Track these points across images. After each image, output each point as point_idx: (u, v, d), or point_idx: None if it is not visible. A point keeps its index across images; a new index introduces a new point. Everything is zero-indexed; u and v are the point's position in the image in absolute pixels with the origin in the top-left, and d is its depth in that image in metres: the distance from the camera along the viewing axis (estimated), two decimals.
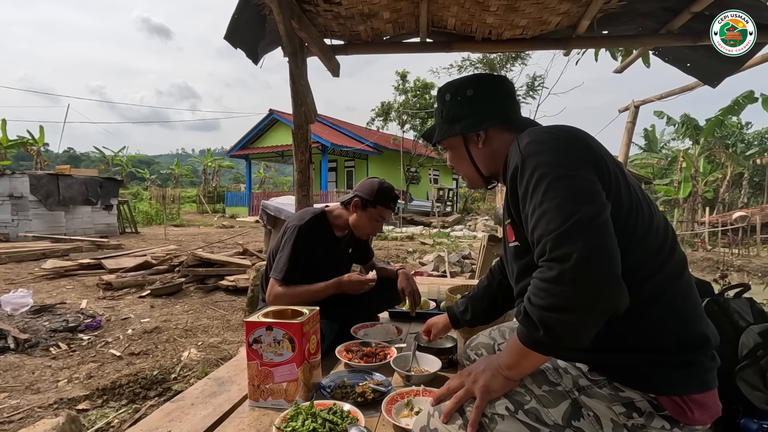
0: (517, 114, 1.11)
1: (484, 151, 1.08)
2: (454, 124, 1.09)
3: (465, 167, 1.13)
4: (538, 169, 0.82)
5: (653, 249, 0.85)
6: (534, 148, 0.86)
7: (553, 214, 0.76)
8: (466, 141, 1.10)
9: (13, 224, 9.73)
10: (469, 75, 1.14)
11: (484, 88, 1.08)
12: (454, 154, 1.14)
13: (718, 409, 0.87)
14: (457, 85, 1.10)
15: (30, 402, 2.30)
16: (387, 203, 1.82)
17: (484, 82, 1.10)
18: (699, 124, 13.97)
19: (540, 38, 2.82)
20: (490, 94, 1.08)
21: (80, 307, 4.16)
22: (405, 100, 18.29)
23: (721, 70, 2.92)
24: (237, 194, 21.99)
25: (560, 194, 0.78)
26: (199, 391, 1.44)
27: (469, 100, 1.08)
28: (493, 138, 1.07)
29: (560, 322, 0.74)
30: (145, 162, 47.92)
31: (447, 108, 1.11)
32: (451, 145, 1.14)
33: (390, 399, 1.25)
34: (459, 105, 1.09)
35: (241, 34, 2.40)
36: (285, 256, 1.71)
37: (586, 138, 0.90)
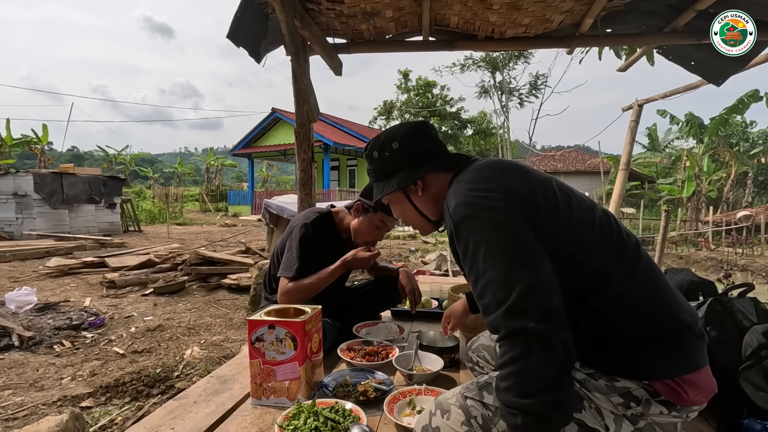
0: (446, 152, 1.12)
1: (426, 198, 1.09)
2: (390, 180, 1.10)
3: (412, 218, 1.15)
4: (471, 237, 0.85)
5: (607, 250, 0.88)
6: (462, 212, 0.87)
7: (497, 285, 0.80)
8: (407, 193, 1.11)
9: (17, 222, 9.79)
10: (390, 128, 1.15)
11: (408, 137, 1.09)
12: (399, 208, 1.16)
13: (712, 386, 0.88)
14: (383, 142, 1.11)
15: (34, 399, 2.31)
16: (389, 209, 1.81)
17: (407, 131, 1.11)
18: (703, 123, 13.90)
19: (543, 37, 2.81)
20: (416, 142, 1.09)
21: (84, 305, 4.18)
22: (407, 98, 18.31)
23: (726, 69, 2.90)
24: (239, 193, 22.03)
25: (498, 262, 0.81)
26: (201, 389, 1.45)
27: (397, 152, 1.09)
28: (430, 183, 1.08)
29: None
30: (148, 161, 48.06)
31: (378, 166, 1.13)
32: (393, 200, 1.16)
33: (392, 398, 1.25)
34: (389, 160, 1.10)
35: (243, 33, 2.40)
36: (295, 255, 1.68)
37: (509, 180, 0.91)
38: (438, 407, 0.94)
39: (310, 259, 1.68)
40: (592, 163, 21.92)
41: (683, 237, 10.90)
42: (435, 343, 1.63)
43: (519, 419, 0.76)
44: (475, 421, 0.89)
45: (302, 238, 1.70)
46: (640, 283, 0.88)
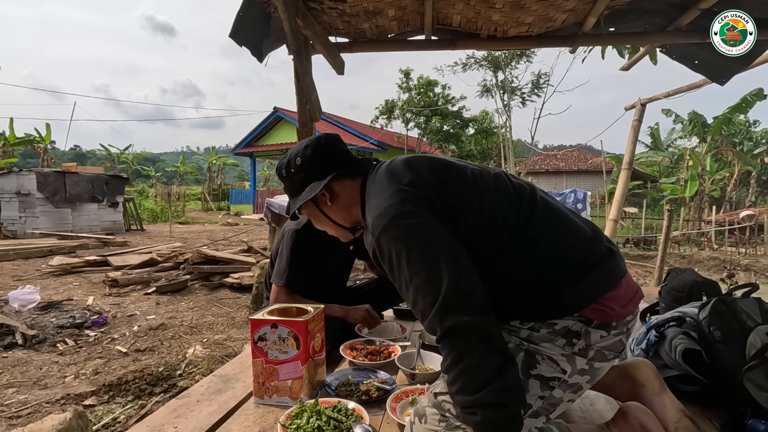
0: (349, 160, 1.16)
1: (336, 207, 1.14)
2: (299, 194, 1.15)
3: (329, 227, 1.19)
4: (392, 248, 0.87)
5: (506, 204, 0.94)
6: (380, 223, 0.89)
7: (425, 288, 0.83)
8: (317, 204, 1.15)
9: (20, 221, 9.83)
10: (296, 145, 1.21)
11: (309, 152, 1.14)
12: (315, 219, 1.21)
13: (635, 293, 0.94)
14: (288, 160, 1.17)
15: (37, 397, 2.32)
16: None
17: (308, 147, 1.15)
18: (706, 122, 13.84)
19: (546, 35, 2.80)
20: (317, 155, 1.14)
21: (87, 303, 4.19)
22: (409, 98, 18.25)
23: (730, 68, 2.88)
24: (241, 192, 22.06)
25: (421, 267, 0.84)
26: (204, 388, 1.45)
27: (301, 167, 1.14)
28: (337, 191, 1.12)
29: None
30: (151, 160, 48.15)
31: (287, 182, 1.19)
32: (308, 213, 1.20)
33: (394, 397, 1.25)
34: (295, 175, 1.15)
35: (246, 32, 2.40)
36: (285, 262, 1.70)
37: (419, 178, 0.94)
38: (416, 415, 0.97)
39: (299, 266, 1.70)
40: (595, 163, 21.87)
41: (686, 237, 10.87)
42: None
43: (477, 416, 0.78)
44: (449, 413, 0.90)
45: (293, 246, 1.71)
46: (540, 226, 0.93)
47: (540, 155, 25.49)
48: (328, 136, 1.19)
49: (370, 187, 1.01)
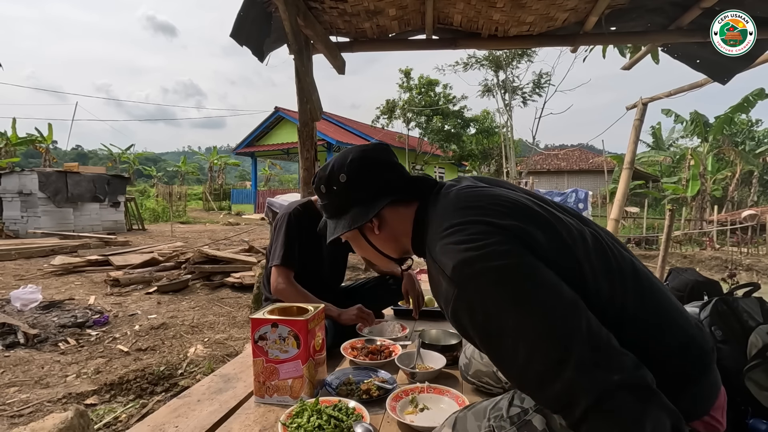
0: (404, 179, 0.96)
1: (384, 236, 0.96)
2: (342, 218, 0.97)
3: (372, 256, 1.01)
4: (487, 299, 0.66)
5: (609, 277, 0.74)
6: (466, 273, 0.68)
7: (547, 343, 0.62)
8: (362, 231, 0.97)
9: (22, 221, 9.85)
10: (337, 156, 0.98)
11: (357, 166, 0.94)
12: (357, 246, 1.02)
13: (725, 397, 0.80)
14: (329, 175, 0.96)
15: (39, 396, 2.33)
16: None
17: (355, 160, 0.95)
18: (708, 122, 13.81)
19: (547, 35, 2.80)
20: (365, 173, 0.94)
21: (88, 303, 4.20)
22: (410, 97, 18.25)
23: (731, 67, 2.88)
24: (243, 192, 22.09)
25: (537, 318, 0.63)
26: (205, 388, 1.45)
27: (346, 187, 0.94)
28: (388, 219, 0.94)
29: None
30: (152, 159, 48.22)
31: (327, 201, 0.99)
32: (349, 238, 1.01)
33: (394, 396, 1.25)
34: (337, 196, 0.96)
35: (246, 32, 2.40)
36: (279, 242, 1.77)
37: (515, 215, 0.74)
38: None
39: (293, 245, 1.77)
40: (596, 162, 21.85)
41: (687, 236, 10.84)
42: (437, 341, 1.63)
43: None
44: None
45: (287, 227, 1.79)
46: (651, 310, 0.73)
47: (541, 155, 25.46)
48: (377, 149, 0.99)
49: (436, 218, 0.81)
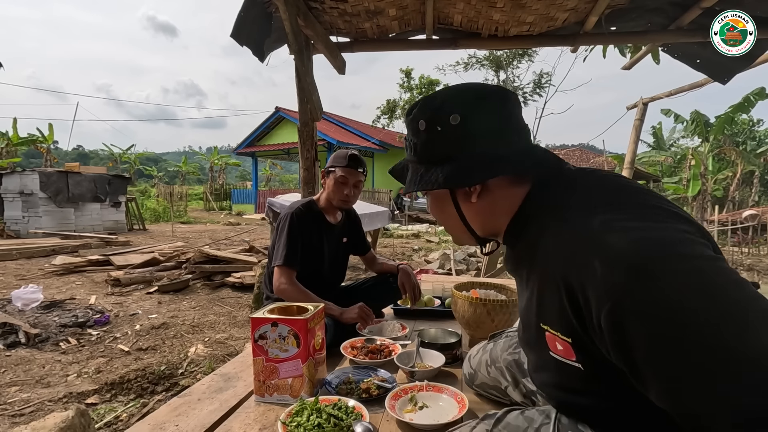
0: (526, 147, 0.75)
1: (480, 207, 0.76)
2: (434, 170, 0.75)
3: (452, 224, 0.82)
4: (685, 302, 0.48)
5: None
6: (649, 261, 0.51)
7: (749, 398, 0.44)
8: (454, 193, 0.78)
9: (23, 221, 9.86)
10: (451, 88, 0.76)
11: (478, 111, 0.72)
12: (437, 207, 0.83)
13: None
14: (437, 109, 0.74)
15: (40, 396, 2.34)
16: (341, 163, 1.85)
17: (478, 101, 0.73)
18: (709, 121, 13.80)
19: (547, 35, 2.80)
20: (488, 122, 0.72)
21: (89, 302, 4.21)
22: (410, 97, 18.25)
23: (732, 67, 2.88)
24: (243, 192, 22.10)
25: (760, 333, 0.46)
26: (205, 387, 1.46)
27: (456, 132, 0.72)
28: (493, 190, 0.74)
29: None
30: (153, 159, 48.27)
31: (422, 141, 0.76)
32: (432, 195, 0.83)
33: (394, 395, 1.25)
34: (440, 139, 0.74)
35: (247, 32, 2.41)
36: (282, 242, 1.79)
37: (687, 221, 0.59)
38: None
39: (296, 245, 1.79)
40: (597, 162, 21.82)
41: None
42: (436, 340, 1.64)
43: None
44: None
45: (289, 226, 1.81)
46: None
47: None
48: (509, 96, 0.74)
49: (582, 195, 0.64)
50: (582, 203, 0.63)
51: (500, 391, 1.19)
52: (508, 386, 1.13)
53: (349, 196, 1.88)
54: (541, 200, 0.70)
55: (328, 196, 1.92)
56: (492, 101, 0.73)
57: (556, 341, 0.66)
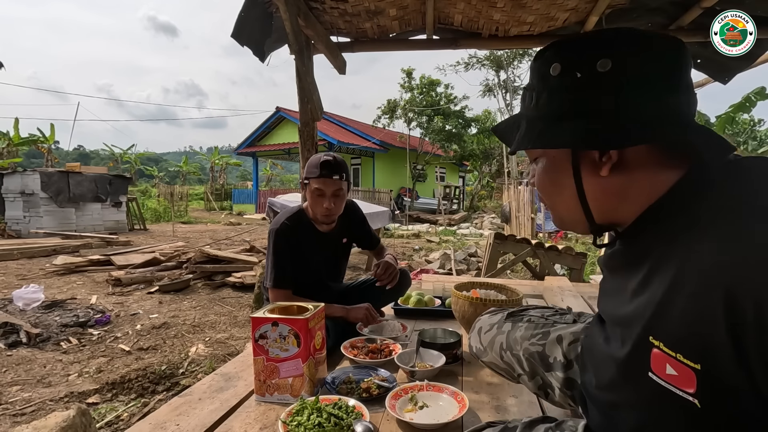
0: (688, 120, 0.58)
1: (608, 184, 0.60)
2: (560, 126, 0.60)
3: (564, 201, 0.66)
4: None
5: None
6: None
7: None
8: (578, 160, 0.61)
9: (24, 221, 9.88)
10: (598, 32, 0.61)
11: (639, 58, 0.56)
12: (549, 175, 0.66)
13: None
14: (580, 48, 0.59)
15: (41, 395, 2.34)
16: (314, 173, 1.69)
17: (641, 45, 0.56)
18: (709, 121, 13.78)
19: (548, 35, 2.80)
20: (650, 74, 0.56)
21: (90, 302, 4.22)
22: (411, 97, 18.26)
23: (732, 67, 2.88)
24: (244, 192, 22.12)
25: None
26: (206, 386, 1.46)
27: (601, 81, 0.57)
28: (632, 164, 0.58)
29: None
30: (154, 159, 48.34)
31: (551, 89, 0.61)
32: (545, 157, 0.67)
33: (394, 394, 1.25)
34: (577, 89, 0.58)
35: (248, 32, 2.41)
36: (270, 263, 1.73)
37: None
38: None
39: (284, 264, 1.72)
40: None
41: None
42: (437, 339, 1.64)
43: None
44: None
45: (273, 246, 1.74)
46: None
47: None
48: (682, 47, 0.57)
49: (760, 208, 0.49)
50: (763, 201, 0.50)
51: (511, 376, 1.06)
52: (523, 375, 1.01)
53: (330, 208, 1.72)
54: (700, 188, 0.55)
55: (309, 208, 1.80)
56: (659, 48, 0.57)
57: (669, 363, 0.53)
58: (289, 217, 1.79)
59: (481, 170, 21.32)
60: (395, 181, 19.64)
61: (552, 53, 0.62)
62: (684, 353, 0.51)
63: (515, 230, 8.84)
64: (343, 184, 1.73)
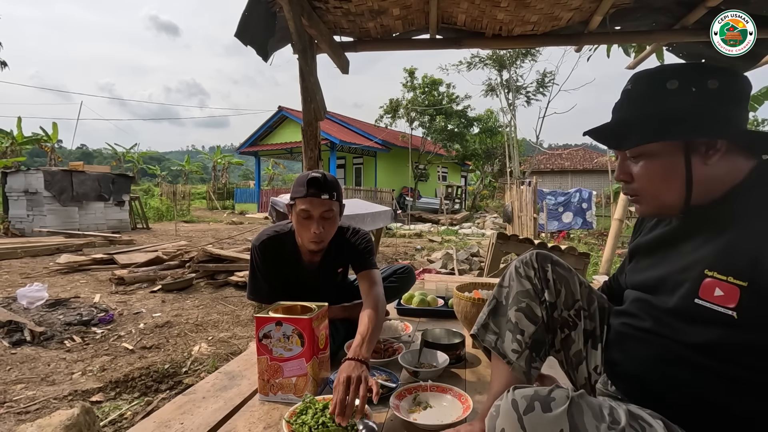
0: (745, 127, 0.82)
1: (710, 172, 0.78)
2: (677, 123, 0.79)
3: (669, 187, 0.81)
4: None
5: None
6: None
7: None
8: (689, 151, 0.79)
9: (28, 219, 9.92)
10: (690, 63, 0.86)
11: (731, 84, 0.78)
12: (656, 166, 0.82)
13: None
14: (690, 72, 0.80)
15: (45, 393, 2.35)
16: (300, 192, 1.47)
17: (729, 76, 0.79)
18: None
19: (551, 34, 2.79)
20: (740, 95, 0.79)
21: (93, 301, 4.23)
22: (413, 96, 18.25)
23: (737, 67, 2.86)
24: (246, 191, 22.16)
25: None
26: (210, 385, 1.46)
27: (711, 94, 0.77)
28: (726, 157, 0.78)
29: None
30: (156, 159, 48.46)
31: (667, 100, 0.79)
32: (655, 153, 0.81)
33: (398, 394, 1.26)
34: (692, 98, 0.78)
35: (251, 32, 2.41)
36: (249, 276, 1.68)
37: None
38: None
39: (258, 281, 1.64)
40: (600, 162, 21.76)
41: None
42: (440, 339, 1.64)
43: None
44: None
45: (250, 260, 1.66)
46: None
47: (545, 154, 25.38)
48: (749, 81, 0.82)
49: None
50: None
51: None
52: None
53: (318, 234, 1.48)
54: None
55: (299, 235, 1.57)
56: (744, 81, 0.81)
57: (718, 286, 0.74)
58: (272, 237, 1.61)
59: (483, 170, 21.31)
60: (397, 181, 19.64)
61: (668, 73, 0.82)
62: (735, 276, 0.72)
63: (517, 230, 8.83)
64: (334, 205, 1.51)
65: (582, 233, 10.73)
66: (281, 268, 1.63)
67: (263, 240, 1.60)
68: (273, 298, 1.49)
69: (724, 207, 0.79)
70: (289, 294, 1.54)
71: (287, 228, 1.63)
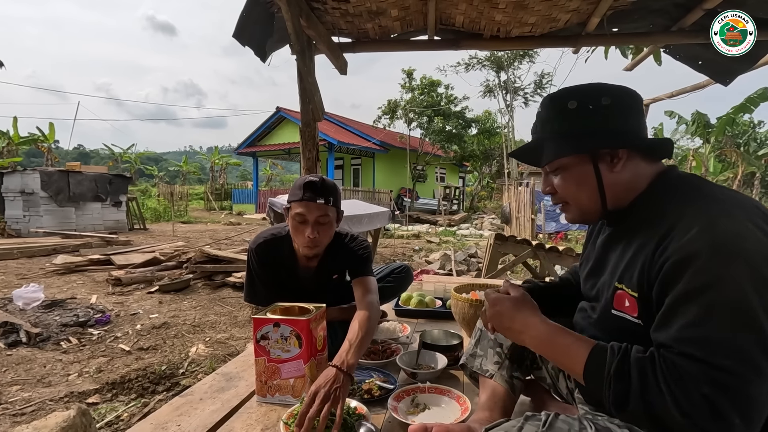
0: (646, 137, 0.91)
1: (618, 178, 0.87)
2: (582, 139, 0.88)
3: (585, 194, 0.90)
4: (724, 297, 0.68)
5: None
6: (724, 258, 0.68)
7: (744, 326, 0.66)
8: (596, 160, 0.88)
9: (24, 220, 9.87)
10: (589, 84, 0.92)
11: (623, 99, 0.88)
12: (574, 176, 0.90)
13: None
14: (586, 92, 0.89)
15: (41, 395, 2.34)
16: (296, 196, 1.47)
17: (622, 94, 0.88)
18: (710, 122, 13.79)
19: (549, 36, 2.80)
20: (631, 107, 0.88)
21: (90, 302, 4.21)
22: (412, 97, 18.26)
23: (734, 68, 2.88)
24: (244, 191, 22.12)
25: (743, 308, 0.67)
26: (207, 386, 1.46)
27: (606, 110, 0.86)
28: (628, 165, 0.87)
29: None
30: (154, 159, 48.34)
31: (569, 119, 0.88)
32: (568, 166, 0.90)
33: (396, 396, 1.25)
34: (590, 115, 0.87)
35: (249, 32, 2.41)
36: (246, 278, 1.68)
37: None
38: None
39: (255, 284, 1.64)
40: None
41: None
42: (438, 341, 1.64)
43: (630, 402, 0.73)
44: None
45: (247, 262, 1.65)
46: None
47: None
48: (639, 97, 0.91)
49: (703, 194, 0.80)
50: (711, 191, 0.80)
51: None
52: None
53: (313, 239, 1.46)
54: (675, 181, 0.85)
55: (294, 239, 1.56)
56: (629, 94, 0.89)
57: (626, 298, 0.83)
58: (269, 240, 1.61)
59: (481, 171, 21.34)
60: (395, 182, 19.65)
61: (567, 94, 0.90)
62: (632, 288, 0.81)
63: (515, 231, 8.84)
64: (330, 210, 1.48)
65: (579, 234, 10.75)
66: (278, 272, 1.62)
67: (260, 243, 1.59)
68: (270, 301, 1.48)
69: (632, 216, 0.88)
70: (285, 297, 1.52)
71: (285, 231, 1.62)
